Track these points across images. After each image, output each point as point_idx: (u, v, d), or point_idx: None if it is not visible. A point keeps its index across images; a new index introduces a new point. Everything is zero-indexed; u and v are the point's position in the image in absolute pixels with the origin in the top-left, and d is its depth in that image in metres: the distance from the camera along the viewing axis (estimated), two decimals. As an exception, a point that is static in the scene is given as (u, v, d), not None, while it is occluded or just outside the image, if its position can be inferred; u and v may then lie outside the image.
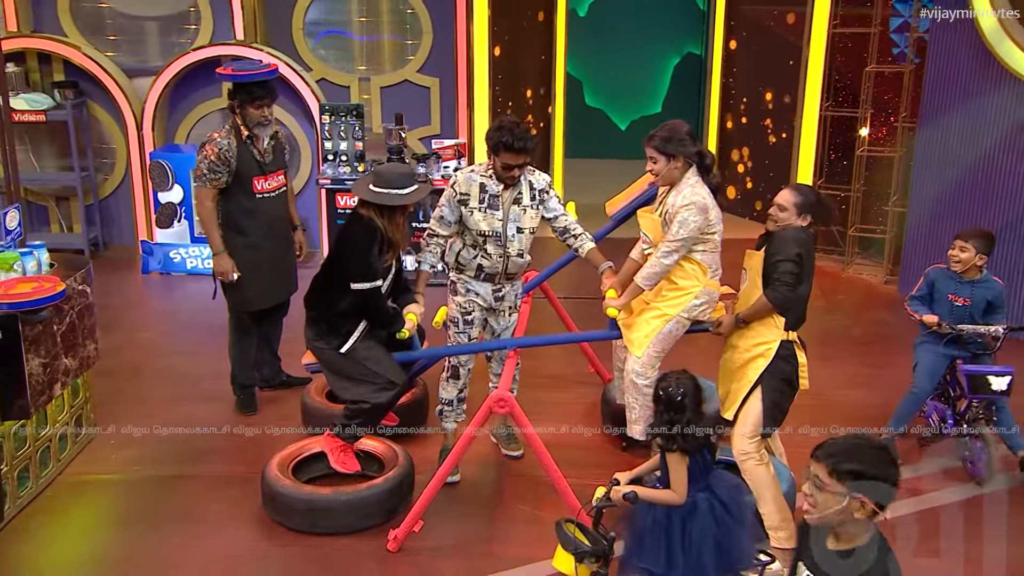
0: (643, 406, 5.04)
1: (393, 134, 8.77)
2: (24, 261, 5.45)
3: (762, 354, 4.75)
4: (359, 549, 4.90)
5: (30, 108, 9.21)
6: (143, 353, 7.43)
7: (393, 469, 5.14)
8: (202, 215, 6.02)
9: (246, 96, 5.91)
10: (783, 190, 4.83)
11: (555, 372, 6.85)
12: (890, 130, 9.20)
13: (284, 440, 5.87)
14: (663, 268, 4.97)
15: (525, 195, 5.25)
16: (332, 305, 5.07)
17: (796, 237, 4.70)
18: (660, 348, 5.07)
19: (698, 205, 4.85)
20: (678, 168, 4.97)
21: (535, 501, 5.34)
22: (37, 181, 9.80)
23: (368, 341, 5.11)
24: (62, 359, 5.39)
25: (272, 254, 6.17)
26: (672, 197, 4.99)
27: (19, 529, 5.11)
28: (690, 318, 5.07)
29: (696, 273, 5.01)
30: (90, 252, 9.65)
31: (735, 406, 4.81)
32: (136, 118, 9.40)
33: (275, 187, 6.13)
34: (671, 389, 4.00)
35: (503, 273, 5.35)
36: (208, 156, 5.87)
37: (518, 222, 5.24)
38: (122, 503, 5.42)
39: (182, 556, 4.88)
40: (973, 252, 5.58)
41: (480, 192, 5.20)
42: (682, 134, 4.98)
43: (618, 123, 13.67)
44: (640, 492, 3.96)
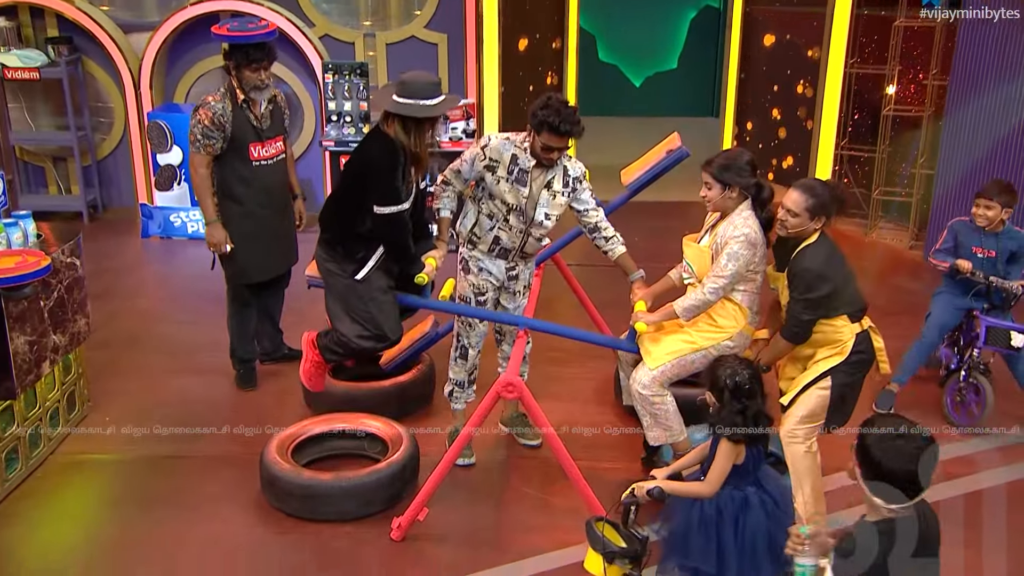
0: (652, 415, 4.83)
1: (399, 93, 8.48)
2: (8, 232, 5.22)
3: (838, 352, 4.52)
4: (360, 537, 4.71)
5: (23, 65, 8.94)
6: (140, 322, 7.24)
7: (396, 453, 4.94)
8: (196, 182, 5.78)
9: (242, 58, 5.63)
10: (791, 191, 4.49)
11: (565, 345, 6.57)
12: (918, 88, 8.87)
13: (285, 416, 5.70)
14: (706, 303, 4.70)
15: (558, 181, 4.97)
16: (349, 227, 4.82)
17: (818, 272, 4.41)
18: (676, 372, 4.83)
19: (749, 239, 4.58)
20: (732, 198, 4.67)
21: (543, 486, 5.15)
22: (33, 141, 9.56)
23: (381, 279, 4.88)
24: (50, 336, 5.18)
25: (270, 224, 5.92)
26: (723, 227, 4.70)
27: (8, 513, 4.94)
28: (717, 355, 4.74)
29: (736, 314, 4.75)
30: (89, 215, 9.43)
31: (796, 390, 4.57)
32: (133, 76, 9.13)
33: (273, 154, 5.87)
34: (738, 377, 3.80)
35: (519, 250, 5.10)
36: (202, 120, 5.62)
37: (546, 207, 4.97)
38: (115, 485, 5.25)
39: (176, 543, 4.71)
40: (999, 208, 5.61)
41: (511, 163, 4.91)
42: (742, 163, 4.67)
43: (632, 79, 13.31)
44: (665, 486, 3.75)
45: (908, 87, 8.97)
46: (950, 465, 5.26)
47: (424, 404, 5.89)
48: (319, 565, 4.56)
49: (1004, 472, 5.37)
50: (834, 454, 4.61)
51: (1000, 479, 5.29)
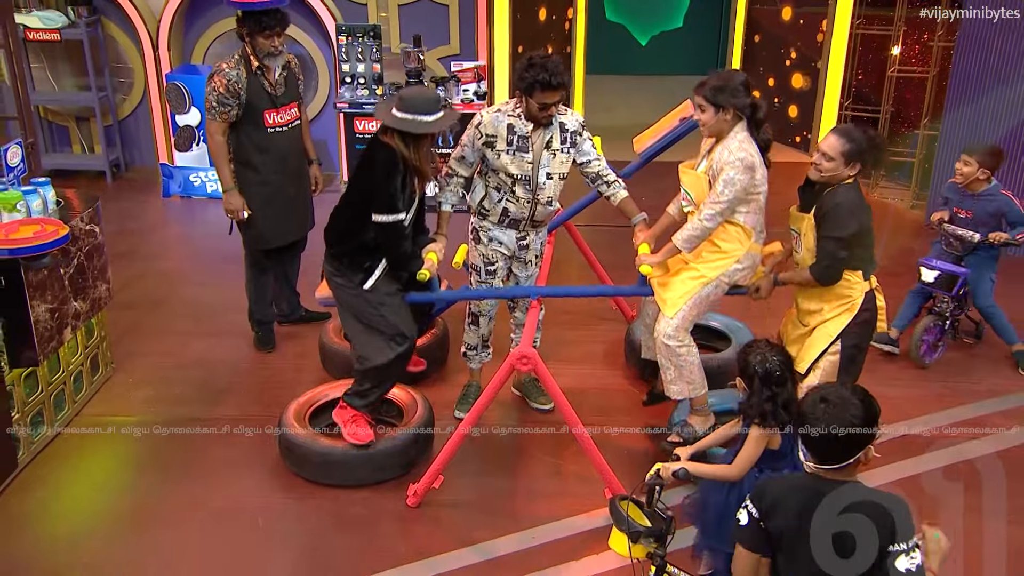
0: (677, 367, 4.59)
1: (412, 56, 8.20)
2: (28, 200, 5.00)
3: (848, 309, 4.31)
4: (377, 504, 4.57)
5: (44, 27, 8.67)
6: (163, 283, 7.06)
7: (412, 420, 4.77)
8: (212, 149, 5.56)
9: (255, 25, 5.38)
10: (829, 135, 4.24)
11: (576, 308, 6.41)
12: (923, 49, 8.54)
13: (302, 380, 5.55)
14: (705, 231, 4.44)
15: (556, 138, 4.71)
16: (353, 238, 4.57)
17: (849, 207, 4.17)
18: (695, 312, 4.57)
19: (745, 163, 4.30)
20: (727, 120, 4.38)
21: (556, 450, 4.98)
22: (55, 101, 9.32)
23: (389, 284, 4.63)
24: (71, 303, 5.01)
25: (286, 190, 5.70)
26: (718, 152, 4.42)
27: (33, 476, 4.81)
28: (730, 282, 4.58)
29: (740, 236, 4.48)
30: (112, 174, 9.21)
31: (810, 359, 4.36)
32: (152, 37, 8.85)
33: (288, 120, 5.63)
34: (769, 364, 3.57)
35: (529, 219, 4.87)
36: (216, 88, 5.38)
37: (548, 167, 4.72)
38: (136, 448, 5.10)
39: (195, 509, 4.57)
40: (975, 167, 5.53)
41: (508, 133, 4.67)
42: (736, 84, 4.37)
43: (639, 38, 12.94)
44: (691, 468, 3.57)
45: (913, 48, 8.64)
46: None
47: (439, 366, 5.72)
48: (337, 532, 4.42)
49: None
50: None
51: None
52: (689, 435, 4.62)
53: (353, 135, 8.30)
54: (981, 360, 6.02)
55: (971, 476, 4.82)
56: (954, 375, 5.82)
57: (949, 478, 4.80)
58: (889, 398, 5.29)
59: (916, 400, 5.49)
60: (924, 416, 5.33)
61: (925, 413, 5.36)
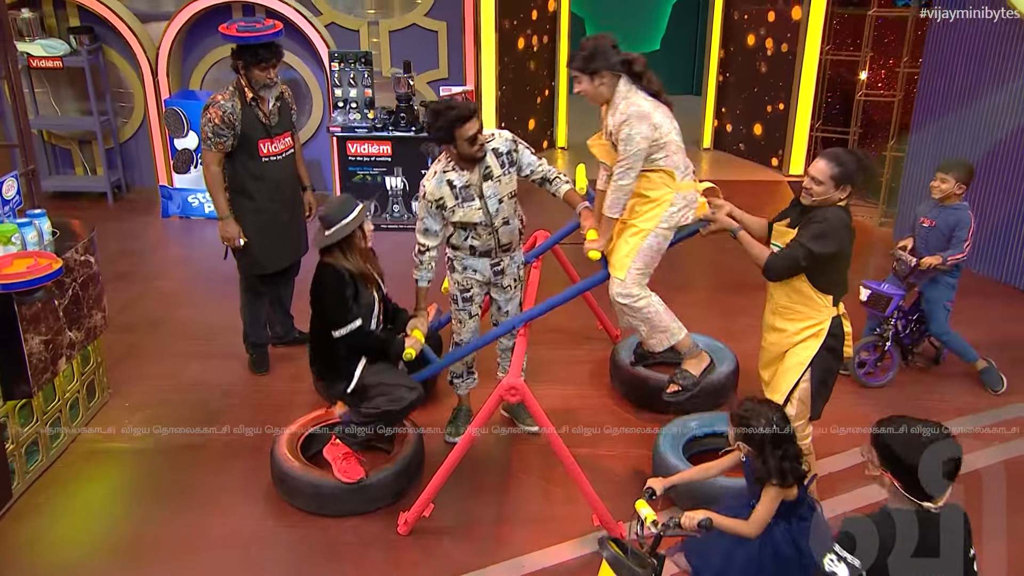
0: (645, 320, 4.39)
1: (402, 82, 7.97)
2: (23, 232, 4.77)
3: (815, 335, 4.09)
4: (367, 532, 4.35)
5: (46, 54, 8.39)
6: (161, 304, 6.80)
7: (402, 450, 4.55)
8: (208, 179, 5.32)
9: (251, 58, 5.16)
10: (817, 159, 4.00)
11: (560, 326, 6.18)
12: (890, 74, 8.36)
13: (295, 403, 5.31)
14: (624, 190, 4.21)
15: (494, 165, 4.46)
16: (329, 357, 4.40)
17: (834, 227, 3.95)
18: (643, 264, 4.34)
19: (635, 115, 4.08)
20: (605, 84, 4.16)
21: (543, 471, 4.77)
22: (59, 125, 9.02)
23: (374, 366, 4.41)
24: (66, 333, 4.76)
25: (280, 217, 5.48)
26: (609, 117, 4.22)
27: (29, 504, 4.57)
28: (670, 227, 4.33)
29: (665, 180, 4.24)
30: (113, 195, 8.93)
31: (786, 390, 4.13)
32: (151, 63, 8.57)
33: (282, 150, 5.40)
34: (774, 426, 3.36)
35: (497, 247, 4.64)
36: (212, 119, 5.15)
37: (496, 195, 4.48)
38: (132, 476, 4.87)
39: (189, 537, 4.35)
40: (953, 183, 5.31)
41: (450, 189, 4.44)
42: (603, 46, 4.14)
43: (618, 59, 12.75)
44: (716, 520, 3.34)
45: (879, 73, 8.46)
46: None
47: (428, 389, 5.46)
48: (328, 561, 4.20)
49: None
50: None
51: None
52: (688, 381, 4.42)
53: (346, 157, 8.05)
54: (950, 378, 5.81)
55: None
56: (925, 393, 5.61)
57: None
58: (859, 417, 5.14)
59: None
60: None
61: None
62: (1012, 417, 5.34)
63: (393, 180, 8.08)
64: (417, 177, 8.04)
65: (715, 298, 6.83)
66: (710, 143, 10.21)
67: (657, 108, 4.19)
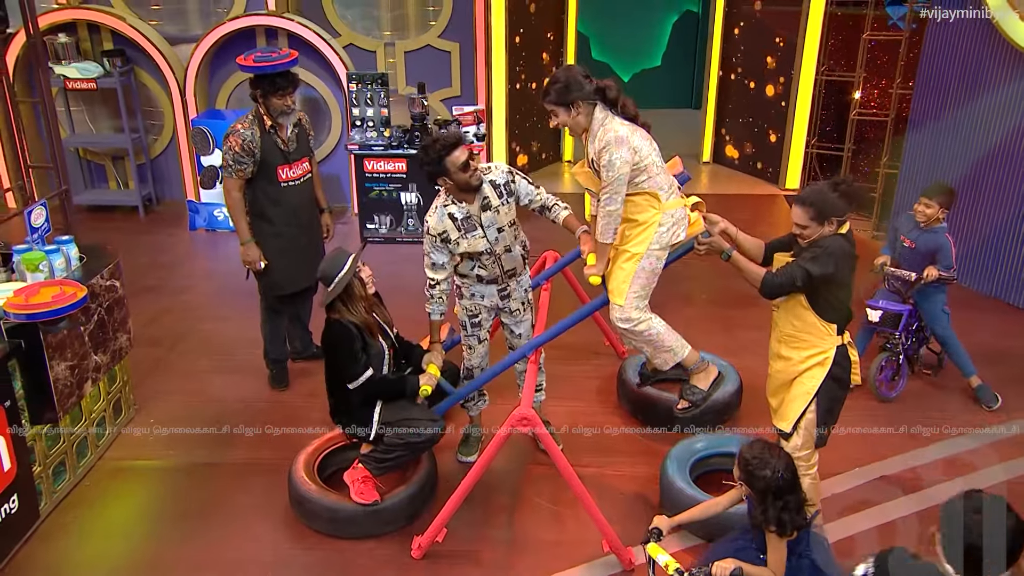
0: (648, 342, 4.15)
1: (416, 102, 7.73)
2: (51, 259, 4.55)
3: (820, 363, 3.82)
4: (381, 555, 4.12)
5: (81, 76, 8.17)
6: (187, 318, 6.57)
7: (416, 474, 4.32)
8: (229, 205, 5.09)
9: (270, 87, 4.92)
10: (793, 207, 3.75)
11: (569, 343, 5.89)
12: (883, 94, 8.07)
13: (312, 419, 5.07)
14: (612, 215, 3.97)
15: (492, 196, 4.21)
16: (347, 407, 4.18)
17: (832, 251, 3.66)
18: (639, 287, 4.10)
19: (614, 141, 3.85)
20: (582, 113, 3.94)
21: (554, 493, 4.52)
22: (93, 143, 8.79)
23: (393, 405, 4.19)
24: (91, 357, 4.54)
25: (298, 240, 5.24)
26: (589, 145, 3.99)
27: (56, 524, 4.36)
28: (663, 248, 4.09)
29: (650, 202, 4.01)
30: (144, 207, 8.71)
31: (793, 418, 3.87)
32: (179, 84, 8.34)
33: (300, 175, 5.17)
34: (778, 476, 3.11)
35: (501, 274, 4.40)
36: (233, 147, 4.91)
37: (496, 224, 4.23)
38: (155, 494, 4.64)
39: (208, 559, 4.13)
40: (937, 208, 5.09)
41: (452, 223, 4.19)
42: (575, 78, 3.92)
43: (622, 75, 12.40)
44: (746, 569, 3.10)
45: (872, 92, 8.17)
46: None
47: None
48: (343, 584, 3.98)
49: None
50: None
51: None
52: (697, 396, 4.19)
53: (363, 174, 7.81)
54: (949, 392, 5.55)
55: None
56: (924, 409, 5.35)
57: (924, 521, 4.36)
58: (861, 437, 4.90)
59: (887, 439, 5.03)
60: (898, 456, 4.88)
61: (898, 453, 4.91)
62: (1013, 435, 5.08)
63: (408, 195, 7.84)
64: (431, 192, 7.80)
65: (714, 313, 6.56)
66: (709, 157, 9.92)
67: (635, 132, 3.96)
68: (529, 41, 9.09)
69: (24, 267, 4.46)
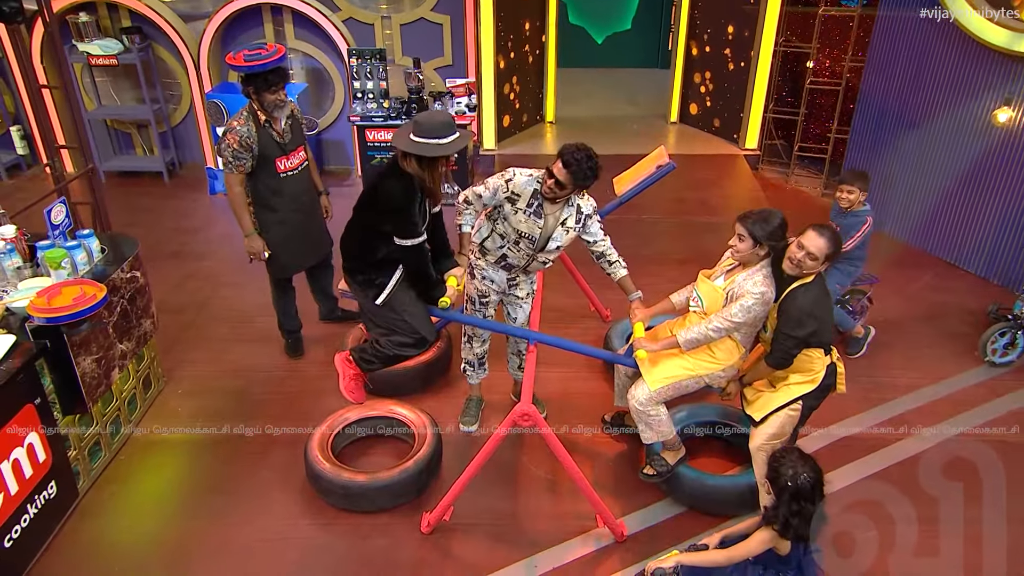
0: (648, 424, 3.76)
1: (412, 76, 7.09)
2: (73, 254, 4.04)
3: (810, 381, 3.49)
4: (394, 531, 3.78)
5: (103, 53, 7.42)
6: (207, 284, 6.07)
7: (422, 448, 3.95)
8: (232, 199, 4.55)
9: (262, 84, 4.33)
10: (815, 236, 3.31)
11: (559, 305, 5.53)
12: (835, 64, 7.48)
13: (327, 388, 4.68)
14: (709, 339, 3.55)
15: (572, 219, 3.75)
16: (367, 256, 3.64)
17: (809, 310, 3.32)
18: (671, 393, 3.72)
19: (765, 299, 3.42)
20: (759, 255, 3.47)
21: (552, 464, 4.14)
22: (118, 114, 8.05)
23: (404, 292, 3.70)
24: (117, 347, 4.09)
25: (300, 225, 4.74)
26: (742, 277, 3.49)
27: (94, 501, 4.00)
28: (709, 382, 3.72)
29: (733, 349, 3.61)
30: (168, 172, 8.08)
31: (766, 409, 3.54)
32: (193, 58, 7.61)
33: (297, 164, 4.63)
34: (801, 480, 2.77)
35: (522, 269, 3.96)
36: (231, 144, 4.36)
37: (558, 240, 3.78)
38: (183, 470, 4.23)
39: (230, 537, 3.78)
40: (858, 192, 4.62)
41: (531, 198, 3.70)
42: (777, 225, 3.42)
43: (595, 37, 11.62)
44: (685, 559, 2.80)
45: (824, 62, 7.57)
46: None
47: (442, 377, 4.86)
48: (359, 560, 3.64)
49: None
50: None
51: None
52: (663, 468, 3.84)
53: (365, 143, 7.21)
54: (891, 352, 5.22)
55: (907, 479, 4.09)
56: (872, 370, 5.02)
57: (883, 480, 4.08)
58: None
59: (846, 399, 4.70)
60: (856, 416, 4.56)
61: (858, 412, 4.59)
62: (951, 393, 4.78)
63: (407, 163, 7.27)
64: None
65: (687, 273, 6.11)
66: (676, 117, 9.31)
67: (773, 302, 3.49)
68: (514, 9, 8.34)
69: (47, 264, 3.96)
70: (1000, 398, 4.71)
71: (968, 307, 5.66)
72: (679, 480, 3.83)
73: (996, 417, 4.52)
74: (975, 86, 5.83)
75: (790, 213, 3.58)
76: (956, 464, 4.13)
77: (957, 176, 6.08)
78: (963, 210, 6.12)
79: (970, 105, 5.88)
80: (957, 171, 6.07)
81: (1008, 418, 4.51)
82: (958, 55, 5.87)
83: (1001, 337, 4.98)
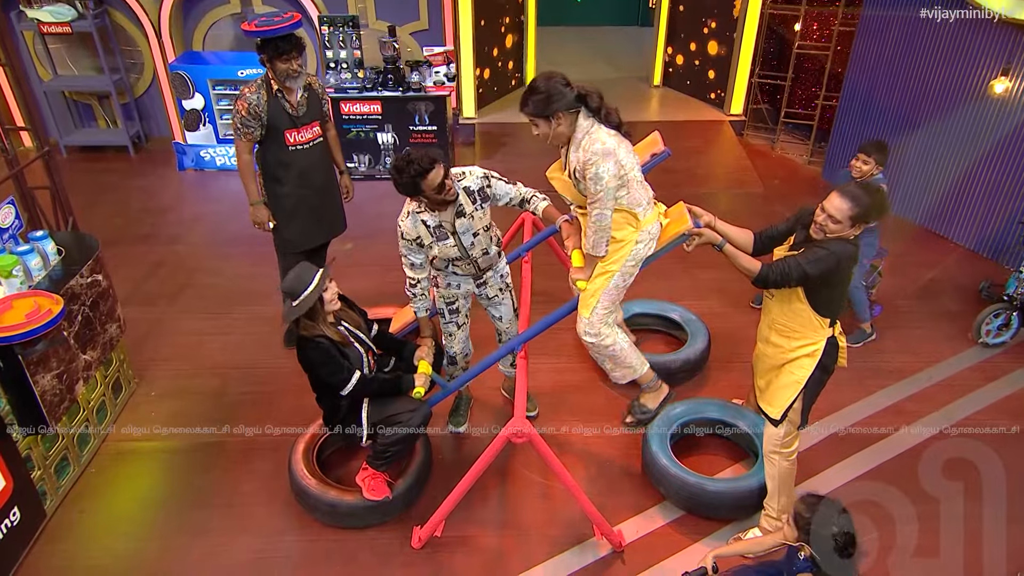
0: (610, 356, 3.52)
1: (387, 45, 6.62)
2: (26, 260, 3.66)
3: (810, 355, 3.22)
4: (383, 547, 3.53)
5: (55, 20, 6.84)
6: (179, 271, 5.68)
7: (411, 465, 3.68)
8: (239, 166, 4.26)
9: (273, 51, 4.02)
10: (836, 197, 3.00)
11: (548, 292, 5.25)
12: (825, 31, 7.11)
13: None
14: (604, 230, 3.27)
15: (466, 204, 3.39)
16: (336, 413, 3.44)
17: (837, 257, 3.01)
18: (608, 302, 3.47)
19: (601, 152, 3.12)
20: (563, 123, 3.16)
21: (544, 466, 3.90)
22: (76, 85, 7.47)
23: (376, 404, 3.45)
24: (80, 358, 3.75)
25: (309, 201, 4.43)
26: (573, 154, 3.21)
27: (63, 522, 3.69)
28: (636, 263, 3.44)
29: (628, 220, 3.32)
30: (133, 146, 7.58)
31: (782, 406, 3.28)
32: (154, 26, 7.06)
33: (309, 139, 4.30)
34: (845, 535, 2.60)
35: (477, 272, 3.65)
36: (240, 111, 4.10)
37: (471, 230, 3.44)
38: (158, 482, 3.92)
39: (211, 556, 3.50)
40: (873, 164, 4.38)
41: (425, 228, 3.38)
42: (556, 87, 3.11)
43: (573, -6, 11.13)
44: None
45: (812, 24, 7.20)
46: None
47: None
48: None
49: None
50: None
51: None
52: (645, 415, 3.63)
53: (340, 116, 6.77)
54: (891, 334, 5.02)
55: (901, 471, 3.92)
56: (869, 354, 4.83)
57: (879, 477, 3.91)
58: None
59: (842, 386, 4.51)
60: (850, 407, 4.36)
61: (853, 402, 4.39)
62: (944, 378, 4.60)
63: (384, 136, 6.86)
64: (406, 132, 6.83)
65: (671, 255, 5.87)
66: (660, 81, 8.91)
67: (621, 143, 3.18)
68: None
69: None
70: (993, 382, 4.54)
71: (959, 282, 5.46)
72: (678, 484, 3.61)
73: (993, 403, 4.36)
74: (972, 54, 5.52)
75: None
76: (955, 463, 3.96)
77: (950, 147, 5.82)
78: (955, 181, 5.88)
79: (966, 73, 5.59)
80: (950, 142, 5.81)
81: (1004, 405, 4.35)
82: (956, 22, 5.54)
83: (996, 319, 4.80)
